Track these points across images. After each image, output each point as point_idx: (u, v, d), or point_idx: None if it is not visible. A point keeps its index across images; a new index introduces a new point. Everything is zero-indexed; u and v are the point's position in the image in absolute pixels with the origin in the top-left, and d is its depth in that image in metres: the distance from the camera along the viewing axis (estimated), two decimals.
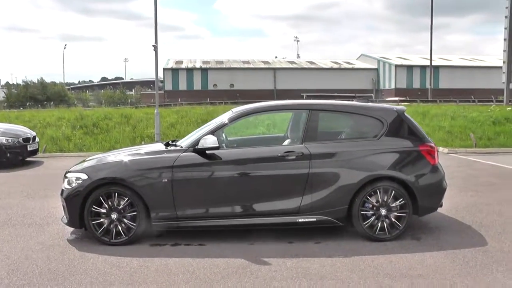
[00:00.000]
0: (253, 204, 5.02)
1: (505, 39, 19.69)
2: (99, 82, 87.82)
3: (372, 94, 47.94)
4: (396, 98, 37.17)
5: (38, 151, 12.00)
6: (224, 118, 5.45)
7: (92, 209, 4.99)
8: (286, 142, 5.58)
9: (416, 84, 49.33)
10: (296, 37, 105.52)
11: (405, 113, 5.40)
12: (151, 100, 37.42)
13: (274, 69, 49.18)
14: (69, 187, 5.14)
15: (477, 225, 5.73)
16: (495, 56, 53.17)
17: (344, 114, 5.42)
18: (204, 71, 46.07)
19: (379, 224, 5.08)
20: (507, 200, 7.04)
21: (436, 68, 48.54)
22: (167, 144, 5.63)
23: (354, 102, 5.57)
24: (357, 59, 57.31)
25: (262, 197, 5.02)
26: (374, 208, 5.09)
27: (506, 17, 19.85)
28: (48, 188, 8.42)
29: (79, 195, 5.01)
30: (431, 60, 34.84)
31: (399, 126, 5.31)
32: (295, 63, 53.23)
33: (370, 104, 5.54)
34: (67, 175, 5.33)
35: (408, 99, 36.61)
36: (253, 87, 46.04)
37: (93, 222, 5.00)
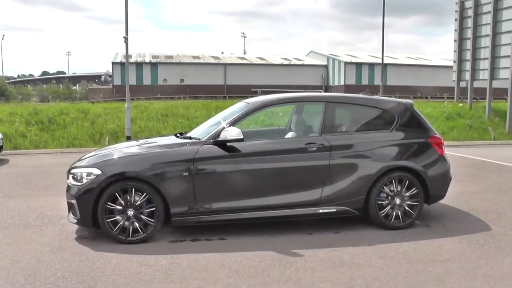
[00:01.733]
0: (275, 196, 4.98)
1: (455, 40, 20.81)
2: (40, 76, 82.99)
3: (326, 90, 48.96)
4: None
5: (2, 148, 11.18)
6: (240, 109, 5.33)
7: (107, 206, 4.73)
8: (290, 134, 5.59)
9: (365, 81, 50.93)
10: (243, 33, 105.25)
11: (413, 107, 5.58)
12: (100, 95, 35.97)
13: (225, 64, 48.89)
14: (79, 184, 4.84)
15: (474, 211, 6.05)
16: (438, 56, 56.17)
17: (358, 107, 5.51)
18: (153, 65, 44.91)
19: (394, 213, 5.23)
20: (490, 188, 7.49)
21: (385, 65, 50.35)
22: (176, 137, 5.46)
23: (367, 96, 5.67)
24: (306, 56, 58.26)
25: (284, 189, 5.00)
26: (389, 197, 5.23)
27: (456, 19, 20.97)
28: (26, 187, 7.90)
29: (92, 192, 4.72)
30: (382, 58, 36.23)
31: (409, 119, 5.48)
32: (245, 59, 53.25)
33: (382, 97, 5.67)
34: (73, 171, 5.01)
35: None
36: (203, 82, 45.52)
37: (108, 220, 4.74)
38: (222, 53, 56.83)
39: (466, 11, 21.21)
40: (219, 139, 4.87)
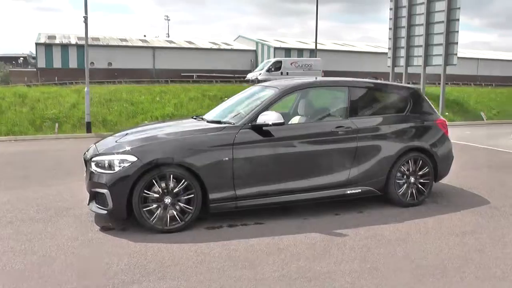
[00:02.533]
0: (308, 179, 5.08)
1: (390, 28, 22.03)
2: None
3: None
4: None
5: None
6: (269, 94, 5.26)
7: (144, 194, 4.52)
8: (296, 119, 5.68)
9: None
10: (167, 16, 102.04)
11: (420, 91, 5.93)
12: (25, 79, 33.09)
13: (153, 48, 47.34)
14: (111, 172, 4.55)
15: (466, 187, 6.62)
16: (363, 43, 58.85)
17: (377, 92, 5.76)
18: (80, 47, 42.08)
19: (409, 191, 5.57)
20: (465, 166, 8.17)
21: (313, 51, 51.84)
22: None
23: (384, 81, 5.92)
24: (234, 41, 58.19)
25: (316, 171, 5.11)
26: (405, 176, 5.56)
27: (390, 9, 22.13)
28: (8, 177, 7.23)
29: (127, 180, 4.47)
30: (316, 44, 37.46)
31: (419, 103, 5.84)
32: (173, 42, 51.95)
33: (394, 83, 5.97)
34: (99, 158, 4.70)
35: None
36: (132, 66, 43.78)
37: (145, 209, 4.53)
38: (145, 36, 54.77)
39: (400, 1, 22.46)
40: (257, 123, 4.83)
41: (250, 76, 34.34)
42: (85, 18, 12.06)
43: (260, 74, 32.98)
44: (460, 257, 4.08)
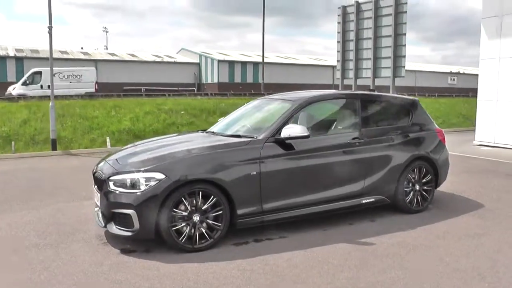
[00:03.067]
0: (329, 190, 5.14)
1: (338, 42, 22.77)
2: None
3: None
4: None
5: None
6: (287, 107, 5.23)
7: (173, 213, 4.35)
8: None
9: (237, 79, 52.44)
10: (105, 27, 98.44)
11: (419, 103, 6.23)
12: None
13: (96, 60, 45.78)
14: (136, 191, 4.34)
15: (456, 192, 7.00)
16: (305, 56, 60.47)
17: (384, 103, 5.97)
18: (18, 60, 39.81)
19: (415, 199, 5.79)
20: (449, 172, 8.58)
21: (256, 64, 52.55)
22: None
23: (389, 94, 6.15)
24: (177, 53, 57.68)
25: (336, 182, 5.19)
26: (411, 184, 5.78)
27: (338, 23, 22.94)
28: None
29: (156, 199, 4.29)
30: (263, 56, 38.07)
31: (420, 114, 6.13)
32: (116, 55, 50.54)
33: (396, 95, 6.22)
34: (120, 177, 4.47)
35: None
36: None
37: (174, 228, 4.36)
38: (82, 48, 52.89)
39: (348, 16, 23.42)
40: (281, 137, 4.83)
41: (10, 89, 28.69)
42: (50, 29, 11.39)
43: (14, 88, 27.73)
44: (487, 258, 4.31)
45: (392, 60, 21.33)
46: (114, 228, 4.52)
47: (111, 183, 4.51)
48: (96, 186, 4.90)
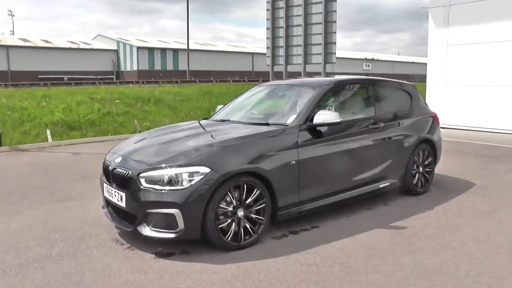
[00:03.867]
0: (356, 176, 5.16)
1: (268, 28, 22.78)
2: None
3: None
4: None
5: None
6: (312, 93, 5.09)
7: (219, 209, 4.06)
8: (292, 117, 5.66)
9: (158, 66, 50.79)
10: (11, 11, 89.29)
11: (416, 87, 6.45)
12: None
13: (7, 46, 41.70)
14: (180, 188, 3.96)
15: (449, 174, 7.31)
16: (223, 43, 60.06)
17: (391, 89, 6.07)
18: None
19: (419, 181, 6.03)
20: None
21: (176, 51, 51.25)
22: None
23: (392, 79, 6.28)
24: (93, 40, 54.41)
25: (362, 168, 5.23)
26: (415, 166, 6.00)
27: (268, 10, 22.91)
28: None
29: (203, 195, 3.95)
30: (188, 44, 37.07)
31: (417, 98, 6.34)
32: (28, 41, 46.33)
33: (399, 80, 6.38)
34: (156, 173, 4.05)
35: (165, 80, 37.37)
36: None
37: (220, 226, 4.08)
38: None
39: (277, 3, 23.56)
40: (314, 123, 4.70)
41: None
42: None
43: None
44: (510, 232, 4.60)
45: (323, 46, 22.00)
46: (148, 230, 4.10)
47: (142, 180, 4.09)
48: (114, 185, 4.42)
